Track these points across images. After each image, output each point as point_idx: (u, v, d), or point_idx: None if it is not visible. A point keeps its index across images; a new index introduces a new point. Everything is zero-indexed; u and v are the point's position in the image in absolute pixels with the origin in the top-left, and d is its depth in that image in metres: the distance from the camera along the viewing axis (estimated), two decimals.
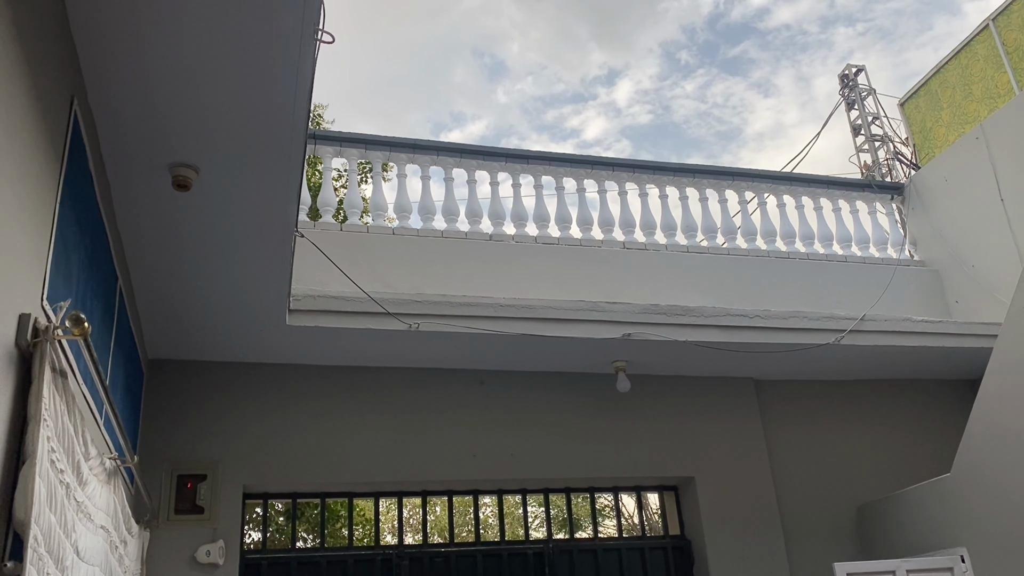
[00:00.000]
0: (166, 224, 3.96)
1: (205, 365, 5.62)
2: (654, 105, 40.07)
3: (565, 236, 6.87)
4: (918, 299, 7.47)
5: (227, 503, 5.34)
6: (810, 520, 6.47)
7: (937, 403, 7.15)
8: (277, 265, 4.41)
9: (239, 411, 5.59)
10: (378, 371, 5.97)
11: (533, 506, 10.65)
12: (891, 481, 6.65)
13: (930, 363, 6.84)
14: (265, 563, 5.55)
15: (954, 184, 7.59)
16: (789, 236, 7.50)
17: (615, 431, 6.29)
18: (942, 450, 6.70)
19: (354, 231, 6.33)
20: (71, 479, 2.68)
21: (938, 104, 8.36)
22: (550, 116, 41.32)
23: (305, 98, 3.22)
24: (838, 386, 7.01)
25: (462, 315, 5.45)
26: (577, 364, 6.20)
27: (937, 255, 7.75)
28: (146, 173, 3.55)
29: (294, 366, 5.80)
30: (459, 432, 5.98)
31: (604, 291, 6.39)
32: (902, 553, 6.03)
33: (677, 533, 6.44)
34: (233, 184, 3.69)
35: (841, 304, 6.90)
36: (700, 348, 5.95)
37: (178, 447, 5.40)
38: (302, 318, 5.14)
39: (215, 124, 3.29)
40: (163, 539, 5.14)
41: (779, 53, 40.12)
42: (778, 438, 6.69)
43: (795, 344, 6.13)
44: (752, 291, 6.92)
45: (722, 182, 7.46)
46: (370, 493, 6.03)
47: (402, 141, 6.74)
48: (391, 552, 5.80)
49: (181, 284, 4.54)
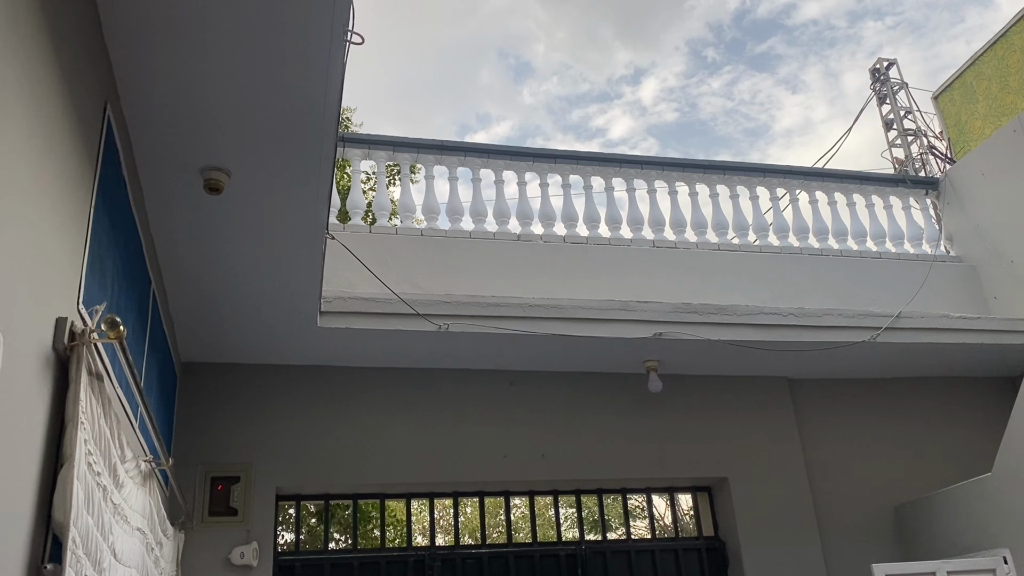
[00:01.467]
0: (198, 227, 3.99)
1: (237, 368, 5.66)
2: (680, 103, 39.85)
3: (594, 235, 6.83)
4: (955, 295, 7.33)
5: (260, 505, 5.37)
6: (847, 520, 6.37)
7: (976, 401, 7.02)
8: (308, 267, 4.42)
9: (271, 413, 5.62)
10: (408, 372, 5.97)
11: (564, 507, 10.60)
12: (929, 481, 6.53)
13: (968, 360, 6.72)
14: (299, 564, 5.57)
15: (991, 178, 7.43)
16: (822, 233, 7.39)
17: (647, 431, 6.24)
18: (982, 449, 6.57)
19: (383, 233, 6.34)
20: (108, 481, 2.69)
21: (973, 97, 8.21)
22: (575, 116, 41.24)
23: (335, 100, 3.21)
24: (874, 384, 6.90)
25: (491, 315, 5.43)
26: (608, 364, 6.15)
27: (974, 250, 7.60)
28: (178, 177, 3.57)
29: (325, 368, 5.82)
30: (489, 433, 5.97)
31: (634, 290, 6.34)
32: (942, 554, 5.91)
33: (711, 534, 6.37)
34: (264, 187, 3.69)
35: (876, 301, 6.79)
36: (733, 347, 5.88)
37: (211, 449, 5.43)
38: (333, 320, 5.15)
39: (246, 127, 3.30)
40: (197, 541, 5.18)
41: (806, 49, 39.73)
42: (813, 438, 6.60)
43: (830, 342, 6.04)
44: (785, 289, 6.83)
45: (753, 179, 7.37)
46: (401, 494, 6.03)
47: (429, 143, 6.74)
48: (423, 553, 5.79)
49: (213, 287, 4.56)
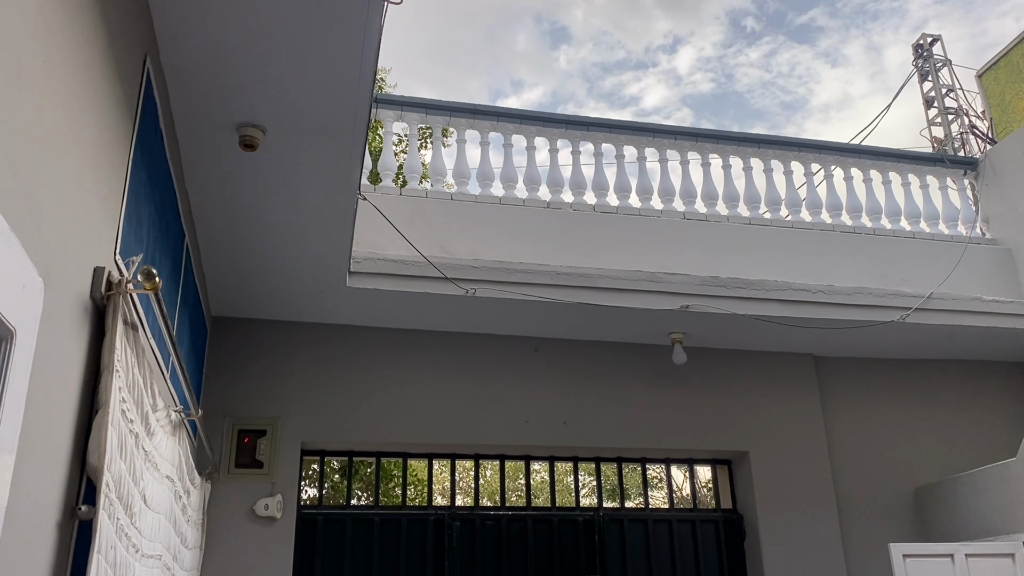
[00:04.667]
0: (232, 183, 4.02)
1: (267, 323, 5.73)
2: (716, 73, 39.24)
3: (624, 205, 6.78)
4: (989, 278, 7.21)
5: (285, 459, 5.47)
6: (866, 500, 6.37)
7: (1003, 386, 6.95)
8: (339, 227, 4.45)
9: (299, 369, 5.70)
10: (435, 335, 6.02)
11: (584, 474, 10.68)
12: (952, 464, 6.50)
13: (999, 344, 6.64)
14: (321, 518, 5.68)
15: None
16: (855, 210, 7.29)
17: (669, 403, 6.25)
18: (1006, 434, 6.53)
19: (413, 196, 6.34)
20: (140, 429, 2.76)
21: (1019, 76, 8.01)
22: (609, 83, 40.78)
23: (372, 60, 3.21)
24: (901, 365, 6.85)
25: (519, 282, 5.44)
26: (633, 334, 6.16)
27: (1011, 233, 7.46)
28: (214, 132, 3.60)
29: (353, 327, 5.88)
30: (512, 398, 6.02)
31: (663, 262, 6.31)
32: (961, 537, 5.90)
33: (729, 507, 6.40)
34: (299, 145, 3.72)
35: (907, 281, 6.71)
36: (760, 322, 5.85)
37: (239, 403, 5.53)
38: (362, 280, 5.20)
39: (283, 85, 3.31)
40: (223, 491, 5.29)
41: (848, 21, 38.85)
42: (836, 416, 6.58)
43: (858, 321, 5.99)
44: (815, 266, 6.76)
45: (788, 153, 7.27)
46: (424, 454, 6.11)
47: (462, 106, 6.71)
48: (443, 513, 5.88)
49: (245, 243, 4.62)
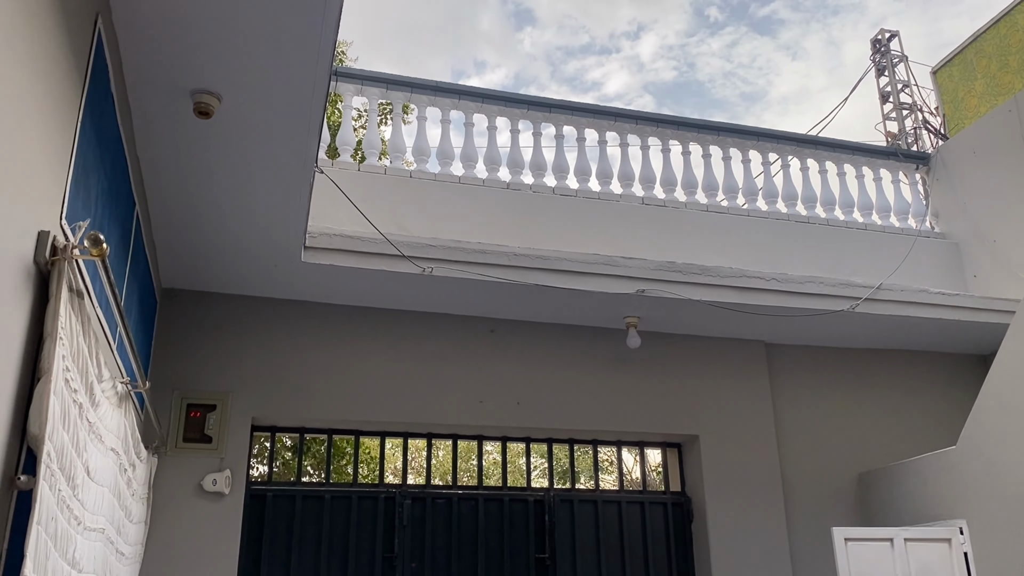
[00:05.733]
0: (186, 152, 3.94)
1: (219, 297, 5.64)
2: (679, 62, 39.41)
3: (584, 188, 6.81)
4: (936, 271, 7.40)
5: (235, 434, 5.40)
6: (811, 484, 6.50)
7: (947, 376, 7.13)
8: (295, 200, 4.39)
9: (251, 344, 5.62)
10: (390, 313, 5.98)
11: (536, 456, 10.78)
12: (895, 451, 6.67)
13: (944, 336, 6.81)
14: (271, 495, 5.64)
15: (982, 157, 7.45)
16: (810, 201, 7.41)
17: (622, 386, 6.30)
18: (948, 423, 6.71)
19: (372, 172, 6.29)
20: (84, 399, 2.70)
21: (972, 74, 8.18)
22: (572, 68, 40.73)
23: (332, 30, 3.16)
24: (849, 354, 6.99)
25: (476, 262, 5.43)
26: (589, 317, 6.19)
27: (958, 228, 7.65)
28: (168, 98, 3.51)
29: (307, 303, 5.82)
30: (467, 378, 6.01)
31: (620, 246, 6.35)
32: (902, 522, 6.06)
33: (678, 490, 6.49)
34: (255, 115, 3.64)
35: (858, 272, 6.85)
36: (713, 308, 5.92)
37: (189, 376, 5.44)
38: (317, 255, 5.13)
39: (240, 52, 3.24)
40: (171, 466, 5.22)
41: (809, 15, 39.26)
42: (785, 402, 6.70)
43: (809, 309, 6.09)
44: (769, 254, 6.87)
45: (746, 142, 7.36)
46: (376, 432, 6.09)
47: (424, 83, 6.65)
48: (394, 491, 5.87)
49: (198, 214, 4.53)
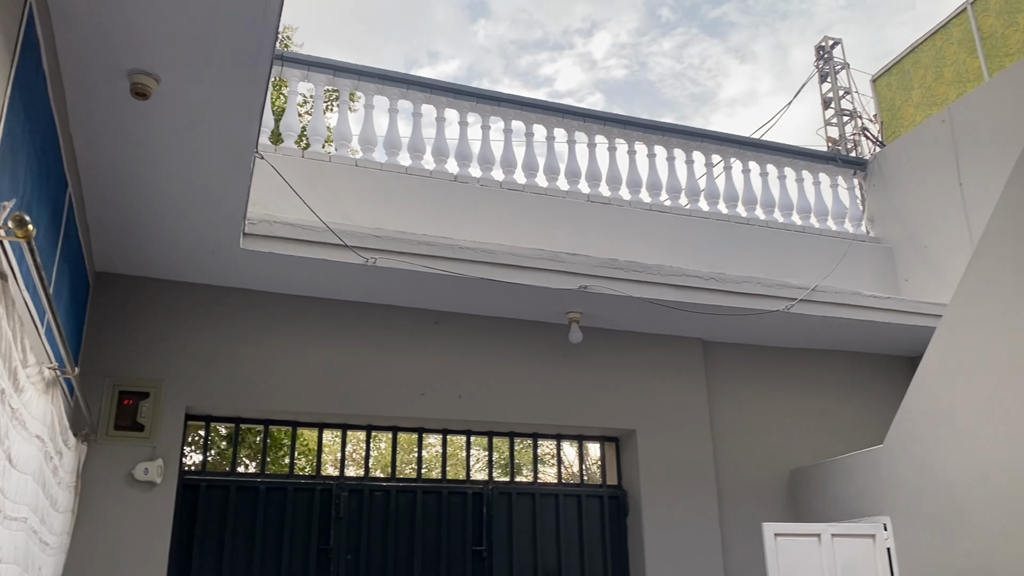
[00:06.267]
0: (122, 133, 3.83)
1: (155, 282, 5.52)
2: (630, 60, 39.72)
3: (531, 183, 6.83)
4: (870, 274, 7.61)
5: (168, 423, 5.30)
6: (744, 480, 6.64)
7: (877, 376, 7.34)
8: (234, 186, 4.31)
9: (187, 332, 5.51)
10: (332, 303, 5.92)
11: (476, 448, 10.74)
12: (826, 448, 6.85)
13: (874, 337, 7.00)
14: (204, 485, 5.54)
15: (916, 164, 7.68)
16: (750, 202, 7.55)
17: (563, 381, 6.35)
18: (876, 422, 6.90)
19: (316, 159, 6.22)
20: (7, 384, 2.62)
21: (909, 84, 8.42)
22: (524, 62, 40.77)
23: (275, 12, 3.11)
24: (784, 353, 7.15)
25: (421, 254, 5.40)
26: (532, 312, 6.21)
27: (892, 233, 7.89)
28: (104, 78, 3.42)
29: (246, 291, 5.73)
30: (409, 370, 5.99)
31: (565, 242, 6.39)
32: (829, 518, 6.23)
33: (615, 483, 6.57)
34: (195, 97, 3.57)
35: (795, 273, 7.01)
36: (653, 305, 6.00)
37: (121, 363, 5.32)
38: (257, 243, 5.05)
39: (180, 31, 3.17)
40: (100, 454, 5.09)
41: (759, 19, 39.92)
42: (721, 399, 6.82)
43: (746, 309, 6.21)
44: (709, 253, 6.99)
45: (691, 143, 7.46)
46: (315, 423, 6.03)
47: (372, 71, 6.60)
48: (332, 483, 5.82)
49: (134, 197, 4.42)
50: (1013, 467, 4.88)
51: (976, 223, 6.83)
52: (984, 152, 7.03)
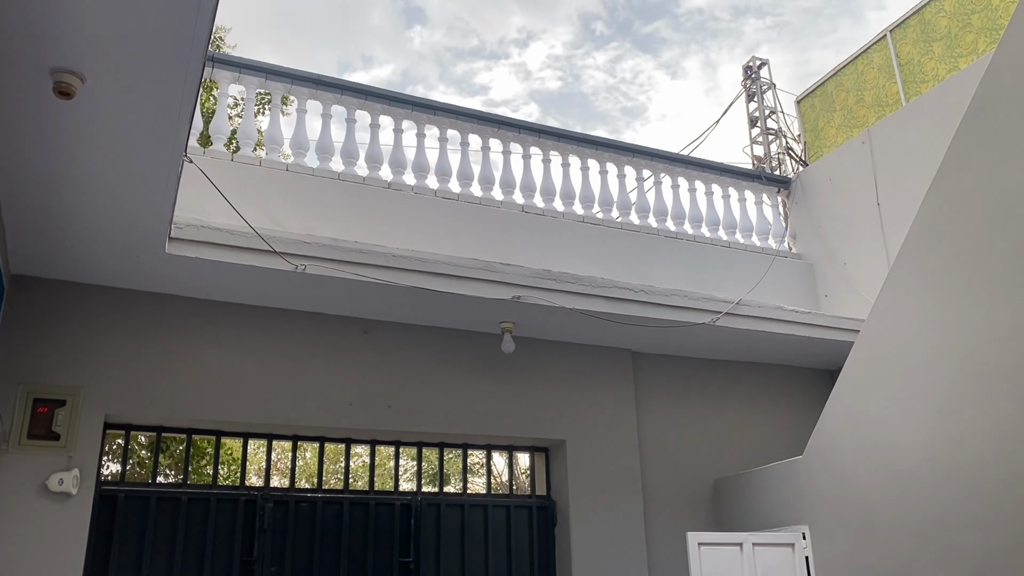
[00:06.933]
0: (44, 133, 3.70)
1: (74, 286, 5.33)
2: (564, 72, 40.13)
3: (465, 193, 6.84)
4: (792, 290, 7.85)
5: (86, 431, 5.12)
6: (670, 490, 6.75)
7: (798, 389, 7.56)
8: (161, 189, 4.20)
9: (107, 338, 5.34)
10: (259, 310, 5.81)
11: (405, 459, 10.69)
12: (749, 459, 7.02)
13: (796, 351, 7.21)
14: (123, 495, 5.36)
15: (837, 184, 7.96)
16: (679, 217, 7.72)
17: (494, 390, 6.36)
18: (798, 433, 7.10)
19: (246, 163, 6.11)
20: None
21: (832, 105, 8.72)
22: (460, 70, 40.79)
23: (208, 13, 3.05)
24: (710, 365, 7.30)
25: (352, 261, 5.35)
26: (465, 321, 6.21)
27: (813, 249, 8.15)
28: (25, 76, 3.29)
29: (170, 296, 5.58)
30: (337, 379, 5.91)
31: (498, 251, 6.42)
32: (752, 527, 6.38)
33: (543, 494, 6.60)
34: (121, 97, 3.47)
35: (721, 287, 7.18)
36: (584, 316, 6.06)
37: (36, 369, 5.11)
38: (183, 247, 4.93)
39: (105, 29, 3.08)
40: (13, 464, 4.89)
41: (689, 37, 40.76)
42: (649, 409, 6.93)
43: (673, 321, 6.33)
44: (639, 266, 7.11)
45: (623, 157, 7.59)
46: (239, 433, 5.90)
47: (305, 75, 6.53)
48: (256, 493, 5.70)
49: (55, 198, 4.26)
50: (927, 477, 5.08)
51: (893, 241, 7.10)
52: (901, 173, 7.33)
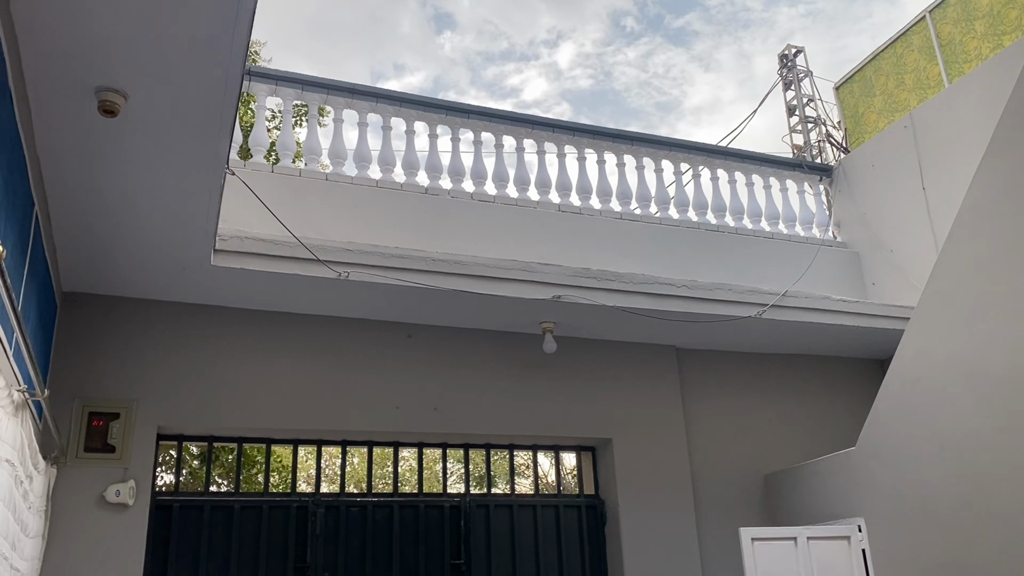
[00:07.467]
0: (90, 151, 3.78)
1: (124, 301, 5.44)
2: (596, 70, 40.00)
3: (501, 195, 6.85)
4: (838, 279, 7.72)
5: (140, 443, 5.22)
6: (720, 486, 6.68)
7: (848, 380, 7.43)
8: (205, 202, 4.27)
9: (158, 351, 5.44)
10: (304, 318, 5.88)
11: (452, 461, 10.70)
12: (800, 452, 6.91)
13: (844, 341, 7.09)
14: (177, 505, 5.46)
15: (880, 170, 7.81)
16: (719, 210, 7.63)
17: (538, 391, 6.35)
18: (849, 425, 6.98)
19: (286, 173, 6.18)
20: None
21: (871, 91, 8.57)
22: (491, 73, 40.89)
23: (245, 28, 3.09)
24: (756, 359, 7.22)
25: (393, 267, 5.38)
26: (506, 323, 6.21)
27: (859, 237, 8.01)
28: (71, 95, 3.37)
29: (217, 308, 5.67)
30: (383, 384, 5.96)
31: (537, 252, 6.41)
32: (805, 521, 6.28)
33: (592, 493, 6.58)
34: (164, 114, 3.53)
35: (765, 279, 7.08)
36: (627, 314, 6.03)
37: (91, 384, 5.23)
38: (228, 259, 5.00)
39: (148, 48, 3.13)
40: (71, 477, 5.00)
41: (722, 28, 40.38)
42: (695, 406, 6.86)
43: (718, 315, 6.26)
44: (680, 261, 7.04)
45: (659, 152, 7.53)
46: (289, 440, 5.97)
47: (341, 84, 6.58)
48: (307, 499, 5.77)
49: (103, 216, 4.36)
50: (984, 465, 4.97)
51: (940, 226, 6.96)
52: (946, 156, 7.17)
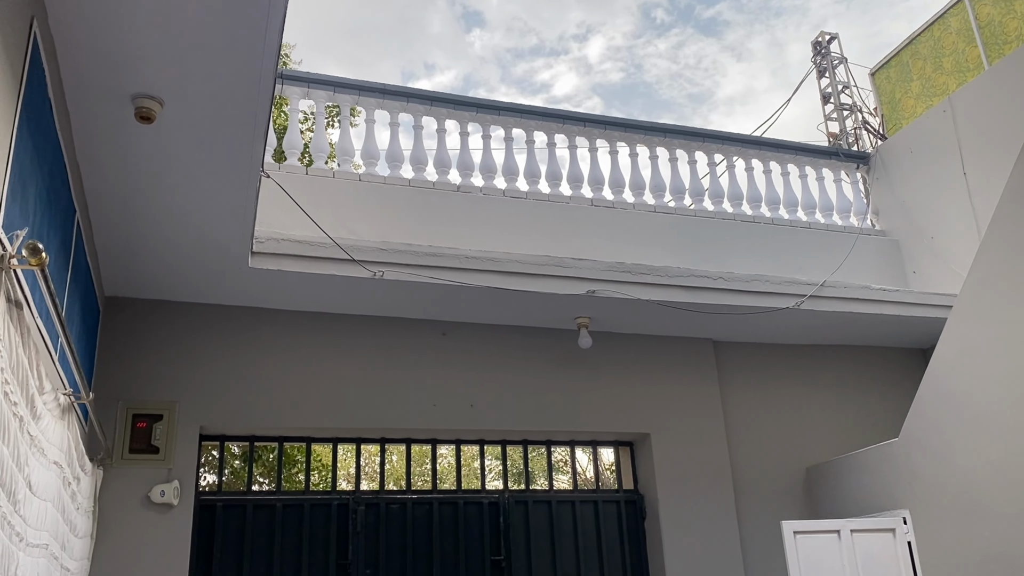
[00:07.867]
0: (127, 157, 3.85)
1: (164, 304, 5.53)
2: (626, 63, 39.76)
3: (533, 190, 6.84)
4: (877, 268, 7.59)
5: (183, 444, 5.30)
6: (761, 479, 6.62)
7: (889, 370, 7.32)
8: (241, 205, 4.32)
9: (198, 352, 5.53)
10: (340, 318, 5.93)
11: (490, 458, 10.73)
12: (841, 444, 6.82)
13: (885, 331, 6.98)
14: (220, 505, 5.54)
15: (919, 156, 7.67)
16: (755, 200, 7.54)
17: (575, 386, 6.34)
18: (891, 416, 6.87)
19: (320, 175, 6.23)
20: (25, 412, 2.63)
21: (908, 75, 8.42)
22: (520, 69, 40.84)
23: (276, 33, 3.12)
24: (795, 350, 7.13)
25: (427, 265, 5.41)
26: (540, 319, 6.21)
27: (898, 225, 7.86)
28: (108, 103, 3.43)
29: (255, 309, 5.74)
30: (420, 382, 5.99)
31: (570, 247, 6.39)
32: (848, 514, 6.20)
33: (631, 488, 6.55)
34: (199, 119, 3.58)
35: (802, 269, 6.99)
36: (662, 307, 5.99)
37: (134, 386, 5.33)
38: (265, 261, 5.06)
39: (182, 55, 3.18)
40: (116, 478, 5.10)
41: (753, 17, 39.92)
42: (734, 399, 6.80)
43: (756, 307, 6.20)
44: (716, 253, 6.98)
45: (692, 143, 7.46)
46: (328, 439, 6.03)
47: (372, 85, 6.62)
48: (347, 497, 5.82)
49: (141, 220, 4.43)
50: None
51: (982, 211, 6.81)
52: (987, 140, 7.02)
